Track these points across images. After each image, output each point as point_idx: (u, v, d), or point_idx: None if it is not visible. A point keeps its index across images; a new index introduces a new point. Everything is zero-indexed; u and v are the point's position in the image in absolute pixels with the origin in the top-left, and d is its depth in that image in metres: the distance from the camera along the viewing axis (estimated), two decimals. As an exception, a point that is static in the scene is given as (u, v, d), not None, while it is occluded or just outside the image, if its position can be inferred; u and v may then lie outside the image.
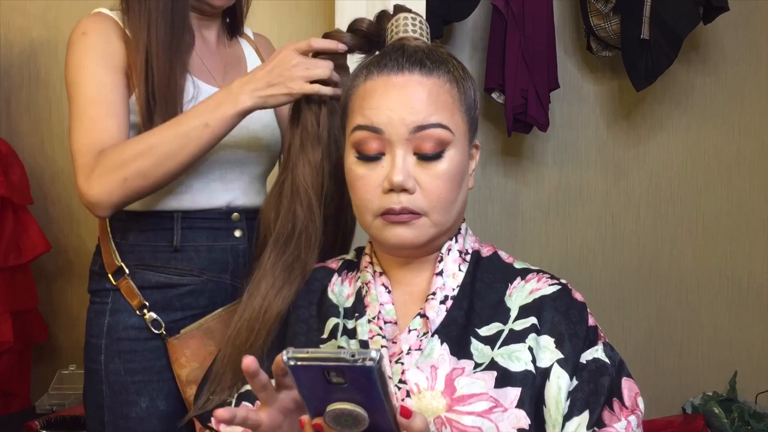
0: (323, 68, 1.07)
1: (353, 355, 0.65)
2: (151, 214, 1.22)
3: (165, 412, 1.20)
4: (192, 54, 1.23)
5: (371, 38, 1.06)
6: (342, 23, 1.52)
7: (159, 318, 1.20)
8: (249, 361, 0.73)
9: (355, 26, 1.07)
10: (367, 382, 0.66)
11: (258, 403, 0.91)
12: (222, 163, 1.24)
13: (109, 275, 1.22)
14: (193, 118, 1.10)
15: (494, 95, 2.19)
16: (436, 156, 0.89)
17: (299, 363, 0.67)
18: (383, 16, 1.04)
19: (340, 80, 1.08)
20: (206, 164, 1.22)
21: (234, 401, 0.96)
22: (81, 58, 1.16)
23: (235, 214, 1.27)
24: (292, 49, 1.08)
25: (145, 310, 1.20)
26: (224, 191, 1.25)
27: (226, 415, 0.74)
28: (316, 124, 1.07)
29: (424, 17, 1.43)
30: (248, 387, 0.95)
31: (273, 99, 1.09)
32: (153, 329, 1.20)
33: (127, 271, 1.21)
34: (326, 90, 1.07)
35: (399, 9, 1.03)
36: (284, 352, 0.67)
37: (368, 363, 0.64)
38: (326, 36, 1.09)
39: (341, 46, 1.07)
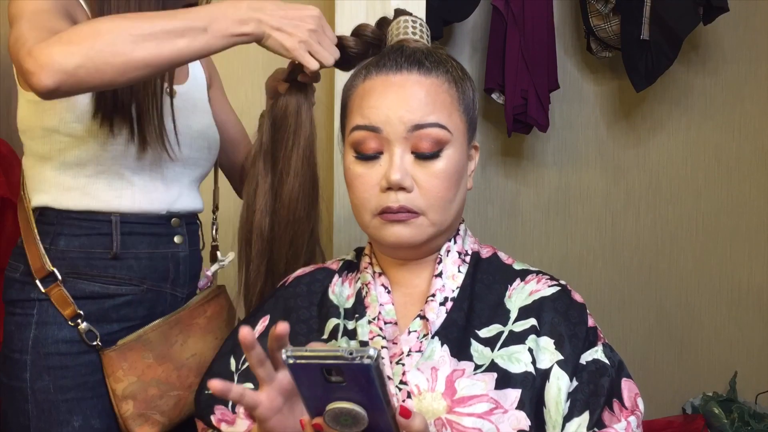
0: (330, 54, 1.01)
1: (351, 353, 0.65)
2: (86, 216, 1.13)
3: (99, 430, 1.13)
4: None
5: (374, 44, 1.06)
6: (342, 24, 1.52)
7: (94, 329, 1.11)
8: (245, 332, 0.71)
9: (359, 31, 1.07)
10: (365, 381, 0.66)
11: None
12: (164, 160, 1.16)
13: (37, 282, 1.10)
14: (191, 16, 0.95)
15: (494, 96, 2.19)
16: (434, 155, 0.89)
17: (298, 361, 0.67)
18: (384, 22, 1.05)
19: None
20: (147, 160, 1.14)
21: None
22: None
23: (175, 219, 1.20)
24: (319, 15, 1.01)
25: (79, 320, 1.11)
26: (164, 192, 1.18)
27: (220, 386, 0.71)
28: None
29: (424, 18, 1.44)
30: (247, 385, 0.95)
31: (271, 43, 0.99)
32: (87, 341, 1.11)
33: (59, 277, 1.10)
34: (315, 66, 1.01)
35: (399, 12, 1.04)
36: (283, 350, 0.67)
37: (366, 361, 0.64)
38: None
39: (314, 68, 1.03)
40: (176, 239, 1.21)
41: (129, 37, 0.91)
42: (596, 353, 0.89)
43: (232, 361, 1.00)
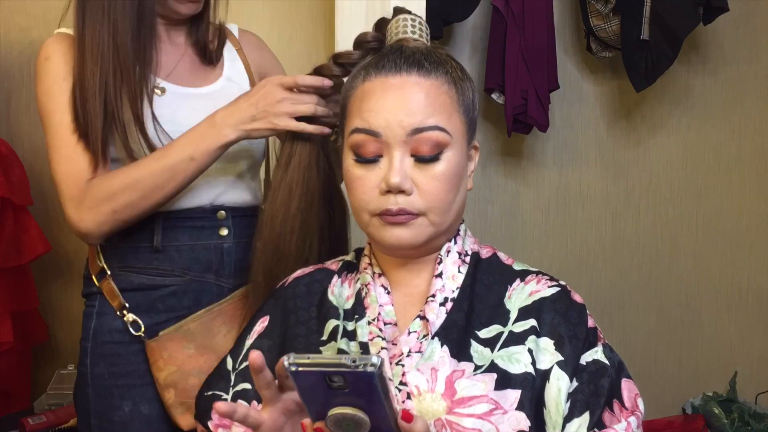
0: (308, 104, 1.09)
1: (354, 361, 0.65)
2: None
3: (148, 417, 1.20)
4: (159, 57, 1.22)
5: (376, 48, 1.06)
6: (342, 23, 1.51)
7: (139, 320, 1.19)
8: (255, 356, 0.73)
9: (361, 40, 1.06)
10: (368, 387, 0.66)
11: (254, 403, 0.91)
12: None
13: (93, 277, 1.22)
14: (178, 151, 1.12)
15: (494, 96, 2.19)
16: (434, 158, 0.89)
17: (300, 369, 0.67)
18: (383, 22, 1.04)
19: (330, 112, 1.11)
20: None
21: (230, 398, 0.96)
22: (49, 86, 1.16)
23: (221, 212, 1.25)
24: (278, 84, 1.09)
25: (125, 311, 1.19)
26: (208, 189, 1.23)
27: (225, 408, 0.73)
28: (306, 156, 1.11)
29: (424, 18, 1.44)
30: (244, 385, 0.96)
31: (257, 132, 1.11)
32: (132, 331, 1.19)
33: (108, 272, 1.21)
34: (311, 128, 1.10)
35: (398, 11, 1.03)
36: (285, 357, 0.67)
37: (369, 369, 0.65)
38: (335, 58, 1.09)
39: (327, 82, 1.09)
40: (222, 231, 1.25)
41: (139, 195, 1.12)
42: (596, 354, 0.89)
43: (229, 361, 1.00)
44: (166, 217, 1.20)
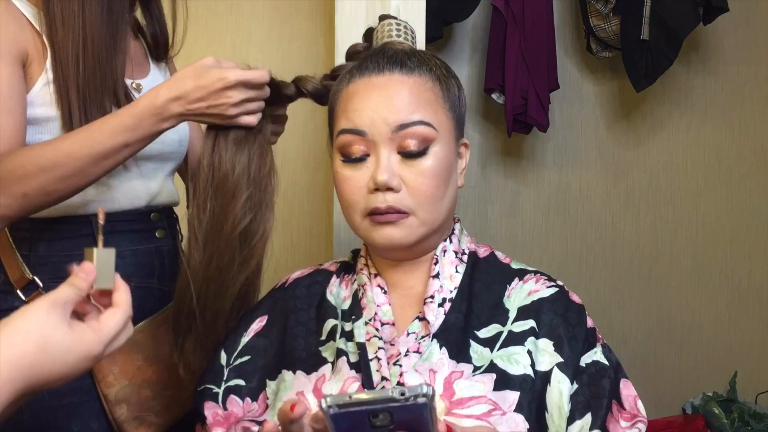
0: (257, 111, 1.00)
1: (403, 394, 0.61)
2: (65, 220, 1.10)
3: None
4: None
5: None
6: (342, 23, 1.52)
7: None
8: (296, 407, 0.70)
9: (352, 51, 1.05)
10: (418, 420, 0.63)
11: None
12: (138, 158, 1.13)
13: (18, 291, 1.08)
14: (110, 136, 0.98)
15: (494, 96, 2.19)
16: (421, 153, 0.89)
17: (342, 410, 0.62)
18: (370, 31, 1.05)
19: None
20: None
21: (221, 393, 0.96)
22: None
23: (155, 213, 1.19)
24: (234, 80, 0.96)
25: None
26: (144, 189, 1.17)
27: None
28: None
29: (424, 18, 1.44)
30: (238, 381, 0.96)
31: (206, 120, 1.00)
32: None
33: (41, 284, 1.08)
34: (253, 123, 1.00)
35: (384, 17, 1.04)
36: (322, 400, 0.64)
37: (421, 400, 0.61)
38: (335, 71, 1.04)
39: (266, 78, 0.99)
40: (158, 234, 1.20)
41: (57, 179, 0.98)
42: (595, 354, 0.89)
43: (223, 356, 0.99)
44: (105, 221, 1.10)
